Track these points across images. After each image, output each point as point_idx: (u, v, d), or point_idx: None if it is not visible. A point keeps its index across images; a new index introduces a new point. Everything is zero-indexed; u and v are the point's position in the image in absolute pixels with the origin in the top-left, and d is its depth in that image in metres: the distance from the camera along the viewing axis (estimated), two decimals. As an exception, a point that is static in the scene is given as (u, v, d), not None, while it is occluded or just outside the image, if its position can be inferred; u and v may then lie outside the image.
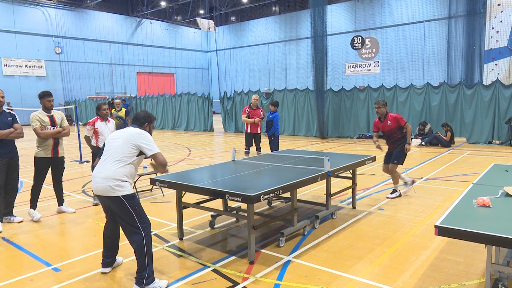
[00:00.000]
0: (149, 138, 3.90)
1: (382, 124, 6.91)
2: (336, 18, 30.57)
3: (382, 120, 6.91)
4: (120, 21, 34.78)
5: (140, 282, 3.74)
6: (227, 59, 38.14)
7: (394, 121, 6.77)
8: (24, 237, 5.34)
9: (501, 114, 13.51)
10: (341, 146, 14.29)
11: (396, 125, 6.77)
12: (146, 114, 4.13)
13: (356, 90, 16.56)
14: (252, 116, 9.55)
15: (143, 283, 3.73)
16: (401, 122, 6.76)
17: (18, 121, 5.83)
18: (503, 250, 4.21)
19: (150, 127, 4.11)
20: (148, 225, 3.84)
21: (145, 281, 3.73)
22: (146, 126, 4.08)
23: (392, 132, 6.81)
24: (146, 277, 3.73)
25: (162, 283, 3.82)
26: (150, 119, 4.12)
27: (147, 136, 3.89)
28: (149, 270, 3.75)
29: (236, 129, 20.54)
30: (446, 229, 2.92)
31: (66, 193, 7.19)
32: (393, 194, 6.93)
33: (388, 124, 6.81)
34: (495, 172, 4.85)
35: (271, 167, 5.68)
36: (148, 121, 4.10)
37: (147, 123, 4.09)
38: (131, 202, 3.77)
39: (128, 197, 3.75)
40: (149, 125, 4.10)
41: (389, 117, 6.83)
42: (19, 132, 5.72)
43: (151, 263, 3.78)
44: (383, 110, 6.86)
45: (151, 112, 24.51)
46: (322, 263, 4.27)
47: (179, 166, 10.58)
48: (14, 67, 28.36)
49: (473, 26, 20.39)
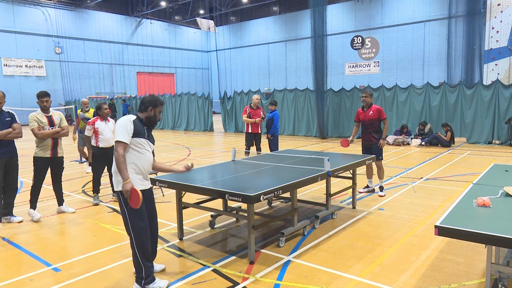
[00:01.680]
0: (123, 124, 3.63)
1: (364, 113, 7.17)
2: (336, 18, 30.56)
3: (365, 110, 7.19)
4: (120, 21, 34.78)
5: (139, 282, 3.73)
6: (227, 59, 38.13)
7: (376, 112, 7.07)
8: (24, 237, 5.34)
9: (501, 114, 13.51)
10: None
11: (377, 117, 7.06)
12: (152, 98, 3.86)
13: (356, 90, 16.56)
14: (253, 116, 9.55)
15: (142, 282, 3.71)
16: (382, 115, 7.06)
17: (17, 121, 5.81)
18: (503, 250, 4.21)
19: (156, 111, 3.82)
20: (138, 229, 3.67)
21: (144, 281, 3.71)
22: (151, 110, 3.81)
23: (372, 122, 7.09)
24: (145, 277, 3.71)
25: (162, 283, 3.79)
26: (156, 103, 3.83)
27: (122, 122, 3.64)
28: (146, 270, 3.70)
29: (236, 129, 20.54)
30: (446, 229, 2.92)
31: (66, 193, 7.19)
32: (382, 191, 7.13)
33: (370, 114, 7.10)
34: (495, 172, 4.85)
35: (271, 167, 5.68)
36: (153, 105, 3.81)
37: (151, 107, 3.80)
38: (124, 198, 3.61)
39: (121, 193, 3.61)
40: (154, 109, 3.81)
41: (372, 107, 7.14)
42: (17, 132, 5.69)
43: (146, 262, 3.71)
44: (369, 100, 7.17)
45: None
46: (322, 263, 4.27)
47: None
48: (14, 67, 28.36)
49: (473, 26, 20.39)
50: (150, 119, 3.82)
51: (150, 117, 3.81)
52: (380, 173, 7.22)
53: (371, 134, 7.12)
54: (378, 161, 7.09)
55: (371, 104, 7.19)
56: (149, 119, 3.82)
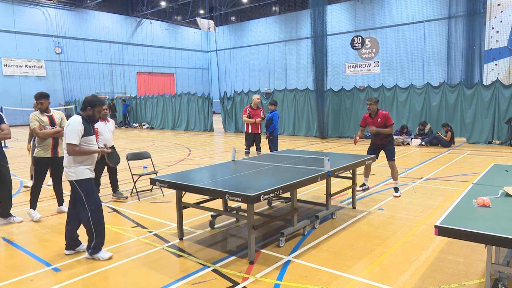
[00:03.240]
0: (71, 128, 4.16)
1: (372, 120, 7.16)
2: (336, 18, 30.55)
3: (372, 117, 7.17)
4: (120, 21, 34.77)
5: (88, 250, 4.48)
6: (227, 59, 38.11)
7: (384, 119, 7.06)
8: (24, 237, 5.34)
9: (501, 114, 13.51)
10: (341, 146, 14.30)
11: (384, 123, 7.07)
12: (92, 98, 4.34)
13: (356, 90, 16.56)
14: (253, 116, 9.54)
15: (89, 251, 4.45)
16: (388, 122, 7.08)
17: (5, 122, 5.64)
18: (503, 250, 4.21)
19: (94, 111, 4.30)
20: (98, 204, 4.40)
21: (91, 250, 4.41)
22: (89, 110, 4.29)
23: (381, 127, 7.09)
24: (92, 248, 4.40)
25: (105, 255, 4.42)
26: (93, 103, 4.29)
27: (70, 127, 4.18)
28: (96, 242, 4.39)
29: (236, 129, 20.53)
30: (446, 229, 2.92)
31: (66, 193, 7.18)
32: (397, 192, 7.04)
33: (378, 121, 7.10)
34: (495, 172, 4.85)
35: (271, 167, 5.68)
36: (91, 105, 4.29)
37: (89, 107, 4.30)
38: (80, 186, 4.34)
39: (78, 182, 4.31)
40: (92, 109, 4.29)
41: (379, 114, 7.11)
42: (6, 133, 5.51)
43: (99, 236, 4.38)
44: (374, 107, 7.13)
45: (151, 112, 24.67)
46: (322, 263, 4.27)
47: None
48: (14, 67, 28.35)
49: (473, 26, 20.40)
50: (90, 117, 4.38)
51: (89, 115, 4.36)
52: (393, 173, 7.17)
53: (382, 139, 7.15)
54: (391, 161, 7.13)
55: (377, 110, 7.16)
56: (89, 117, 4.38)
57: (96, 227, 4.36)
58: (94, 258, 4.43)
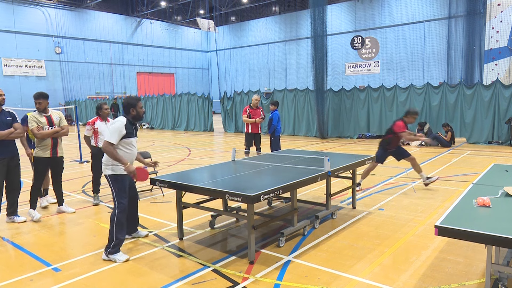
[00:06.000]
0: (114, 127, 4.35)
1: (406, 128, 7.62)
2: (336, 18, 30.55)
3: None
4: (120, 21, 34.76)
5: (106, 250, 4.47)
6: (227, 59, 38.11)
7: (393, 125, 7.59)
8: (24, 237, 5.34)
9: (501, 114, 13.51)
10: (341, 146, 14.29)
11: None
12: (129, 100, 4.54)
13: (356, 90, 16.56)
14: (252, 116, 9.55)
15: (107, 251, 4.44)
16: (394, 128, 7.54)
17: (18, 120, 5.80)
18: (503, 250, 4.21)
19: (137, 109, 4.52)
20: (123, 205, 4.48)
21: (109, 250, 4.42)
22: (132, 111, 4.52)
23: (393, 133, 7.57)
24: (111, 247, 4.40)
25: (123, 257, 4.40)
26: (132, 103, 4.49)
27: (114, 126, 4.37)
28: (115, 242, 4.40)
29: (236, 129, 20.53)
30: (446, 229, 2.92)
31: (66, 193, 7.19)
32: (428, 179, 7.39)
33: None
34: (495, 172, 4.85)
35: (271, 167, 5.68)
36: (132, 106, 4.50)
37: (131, 109, 4.52)
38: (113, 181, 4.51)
39: (111, 177, 4.49)
40: (134, 109, 4.52)
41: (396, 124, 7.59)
42: (19, 132, 5.67)
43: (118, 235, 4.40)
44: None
45: (151, 112, 24.66)
46: (322, 263, 4.27)
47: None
48: (14, 67, 28.34)
49: (473, 26, 20.40)
50: (135, 117, 4.58)
51: (134, 116, 4.56)
52: (415, 166, 7.46)
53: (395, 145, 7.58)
54: (410, 156, 7.53)
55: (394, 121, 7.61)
56: (134, 118, 4.58)
57: (118, 225, 4.44)
58: (111, 259, 4.40)
